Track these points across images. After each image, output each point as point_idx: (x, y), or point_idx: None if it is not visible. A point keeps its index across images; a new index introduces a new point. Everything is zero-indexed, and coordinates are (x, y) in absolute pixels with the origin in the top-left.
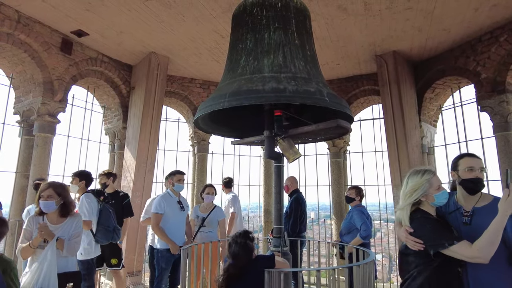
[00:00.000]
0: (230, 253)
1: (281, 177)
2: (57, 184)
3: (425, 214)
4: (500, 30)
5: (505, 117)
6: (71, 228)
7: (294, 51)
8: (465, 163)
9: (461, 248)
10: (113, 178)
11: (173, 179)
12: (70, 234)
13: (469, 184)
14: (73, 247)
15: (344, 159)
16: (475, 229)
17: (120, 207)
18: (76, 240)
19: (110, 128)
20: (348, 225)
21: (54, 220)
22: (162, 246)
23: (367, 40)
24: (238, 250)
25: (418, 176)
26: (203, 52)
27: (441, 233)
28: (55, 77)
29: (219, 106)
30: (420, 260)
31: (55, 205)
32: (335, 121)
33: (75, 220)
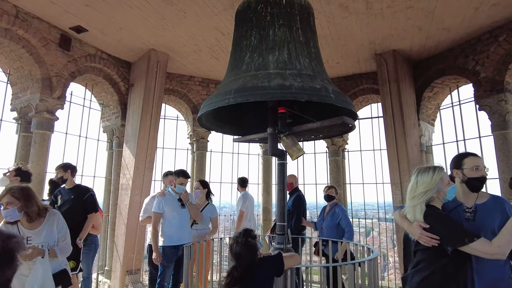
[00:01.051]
0: (232, 255)
1: (284, 174)
2: (14, 189)
3: (438, 209)
4: (499, 30)
5: (504, 116)
6: (53, 230)
7: (299, 48)
8: (471, 162)
9: (481, 246)
10: (72, 171)
11: (176, 180)
12: (56, 237)
13: (475, 182)
14: (66, 250)
15: (342, 158)
16: (478, 225)
17: (80, 203)
18: (65, 242)
19: (109, 126)
20: (331, 222)
21: (28, 225)
22: (165, 243)
23: (367, 39)
24: (240, 249)
25: (429, 174)
26: (203, 49)
27: (460, 230)
28: (53, 73)
29: (224, 103)
30: (430, 256)
31: (17, 212)
32: (340, 118)
33: (55, 220)
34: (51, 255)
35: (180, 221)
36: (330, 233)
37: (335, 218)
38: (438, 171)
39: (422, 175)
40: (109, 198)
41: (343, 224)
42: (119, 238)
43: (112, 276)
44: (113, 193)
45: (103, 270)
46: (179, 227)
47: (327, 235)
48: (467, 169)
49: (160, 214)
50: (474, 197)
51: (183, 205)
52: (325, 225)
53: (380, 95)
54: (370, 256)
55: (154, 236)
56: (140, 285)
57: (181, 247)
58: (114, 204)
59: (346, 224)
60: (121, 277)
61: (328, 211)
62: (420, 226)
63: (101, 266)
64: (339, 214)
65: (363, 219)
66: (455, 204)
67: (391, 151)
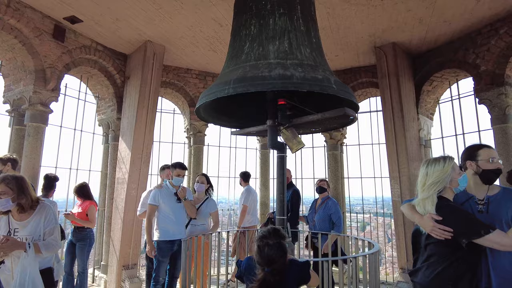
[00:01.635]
0: (264, 258)
1: (284, 167)
2: (8, 179)
3: (450, 201)
4: (500, 23)
5: (504, 109)
6: (40, 223)
7: (300, 37)
8: (487, 154)
9: (498, 237)
10: (12, 164)
11: (173, 172)
12: (41, 231)
13: (491, 175)
14: (53, 245)
15: (341, 152)
16: (492, 216)
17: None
18: (52, 238)
19: (104, 119)
20: (323, 215)
21: (18, 217)
22: (159, 238)
23: (367, 31)
24: (274, 253)
25: (440, 164)
26: (201, 41)
27: (475, 221)
28: (47, 65)
29: (224, 93)
30: (442, 249)
31: (10, 202)
32: (342, 110)
33: (44, 213)
34: (35, 250)
35: (176, 215)
36: (323, 226)
37: (327, 211)
38: (449, 160)
39: (432, 165)
40: (105, 192)
41: (334, 217)
42: (116, 232)
43: (109, 271)
44: (109, 187)
45: (99, 265)
46: (175, 222)
47: (320, 227)
48: (482, 161)
49: (156, 206)
50: (485, 189)
51: (179, 199)
52: (317, 218)
53: (380, 88)
54: (372, 250)
55: (148, 228)
56: (137, 280)
57: (177, 242)
58: (110, 199)
59: (337, 218)
60: (118, 272)
61: (320, 203)
62: (432, 219)
63: (97, 261)
64: (331, 207)
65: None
66: (466, 196)
67: (390, 145)
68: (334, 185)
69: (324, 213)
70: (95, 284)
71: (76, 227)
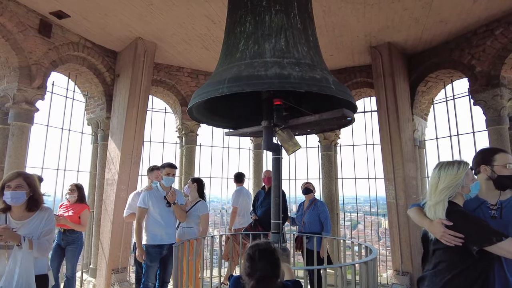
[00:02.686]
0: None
1: (280, 169)
2: (27, 174)
3: (460, 207)
4: (496, 23)
5: (499, 110)
6: (40, 223)
7: (297, 35)
8: (503, 159)
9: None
10: None
11: (162, 172)
12: (39, 231)
13: (506, 181)
14: (45, 247)
15: (334, 152)
16: (505, 221)
17: None
18: (47, 238)
19: (93, 118)
20: (313, 216)
21: (19, 215)
22: (148, 242)
23: (363, 30)
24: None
25: (454, 169)
26: (193, 38)
27: (487, 228)
28: (32, 61)
29: (218, 93)
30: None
31: (25, 197)
32: (340, 111)
33: (45, 214)
34: (29, 246)
35: (165, 219)
36: (313, 227)
37: (317, 211)
38: (464, 165)
39: (445, 169)
40: (94, 193)
41: (322, 218)
42: (105, 235)
43: (98, 275)
44: (98, 188)
45: (88, 268)
46: (164, 226)
47: (310, 228)
48: (498, 166)
49: (145, 209)
50: (498, 194)
51: (169, 203)
52: (307, 219)
53: (375, 88)
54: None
55: (138, 232)
56: (127, 284)
57: (166, 246)
58: (99, 200)
59: (325, 218)
60: (107, 275)
61: (308, 205)
62: (442, 224)
63: (86, 264)
64: (320, 207)
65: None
66: (478, 202)
67: (385, 146)
68: (328, 185)
69: (314, 214)
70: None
71: (66, 229)
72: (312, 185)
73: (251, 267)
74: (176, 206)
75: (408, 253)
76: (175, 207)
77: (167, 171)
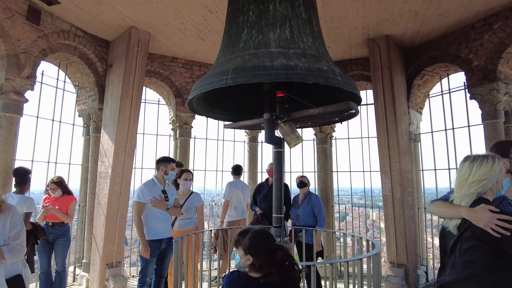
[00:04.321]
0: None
1: (282, 163)
2: None
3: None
4: (494, 18)
5: (495, 105)
6: (4, 227)
7: (302, 25)
8: None
9: None
10: None
11: (166, 167)
12: (5, 234)
13: None
14: (17, 251)
15: (330, 145)
16: None
17: None
18: (18, 242)
19: (85, 110)
20: (308, 209)
21: None
22: (148, 237)
23: (361, 22)
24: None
25: (489, 162)
26: (189, 28)
27: None
28: (20, 49)
29: (221, 84)
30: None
31: None
32: (347, 103)
33: (9, 215)
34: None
35: (162, 213)
36: (307, 220)
37: (311, 205)
38: (498, 160)
39: (478, 163)
40: (86, 187)
41: (316, 211)
42: (98, 229)
43: (91, 269)
44: (91, 182)
45: (81, 263)
46: (162, 220)
47: (304, 222)
48: None
49: (143, 204)
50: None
51: (167, 197)
52: (301, 212)
53: (372, 81)
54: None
55: (139, 227)
56: (122, 278)
57: (164, 240)
58: (92, 193)
59: (319, 212)
60: (101, 270)
61: (303, 199)
62: (487, 210)
63: (78, 258)
64: (314, 200)
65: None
66: (499, 198)
67: (381, 139)
68: (323, 178)
69: (309, 207)
70: (76, 283)
71: (54, 223)
72: (306, 179)
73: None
74: (171, 210)
75: (403, 246)
76: (170, 211)
77: (172, 166)
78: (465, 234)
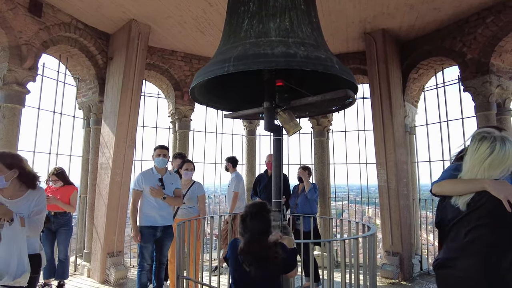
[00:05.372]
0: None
1: (281, 150)
2: (6, 155)
3: None
4: (487, 12)
5: (487, 97)
6: (31, 203)
7: (301, 16)
8: None
9: None
10: None
11: (154, 153)
12: (29, 210)
13: None
14: (36, 226)
15: (327, 138)
16: None
17: None
18: (38, 218)
19: (85, 102)
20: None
21: (9, 194)
22: (141, 223)
23: (358, 16)
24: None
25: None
26: (188, 21)
27: None
28: (22, 41)
29: (223, 71)
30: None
31: (4, 181)
32: (344, 91)
33: (37, 194)
34: (21, 223)
35: (159, 201)
36: (305, 209)
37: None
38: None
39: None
40: (86, 178)
41: (311, 195)
42: (99, 219)
43: (92, 259)
44: (91, 173)
45: (82, 253)
46: (158, 208)
47: (303, 210)
48: None
49: (139, 191)
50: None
51: (163, 185)
52: (300, 201)
53: (368, 75)
54: (369, 232)
55: (133, 214)
56: (123, 267)
57: (160, 228)
58: (92, 185)
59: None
60: (102, 259)
61: (303, 189)
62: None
63: (79, 249)
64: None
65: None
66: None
67: (377, 131)
68: (320, 170)
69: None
70: (78, 273)
71: (57, 212)
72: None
73: (243, 227)
74: (168, 198)
75: (398, 235)
76: (167, 200)
77: (158, 152)
78: (476, 212)
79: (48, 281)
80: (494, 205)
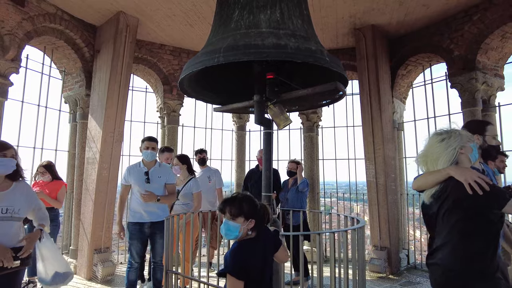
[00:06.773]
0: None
1: (271, 144)
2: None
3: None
4: (474, 9)
5: (473, 93)
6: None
7: (292, 8)
8: (493, 131)
9: None
10: None
11: (141, 146)
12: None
13: (492, 151)
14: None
15: (316, 134)
16: None
17: None
18: (43, 212)
19: (71, 96)
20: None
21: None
22: (128, 219)
23: (348, 12)
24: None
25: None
26: (178, 14)
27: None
28: (5, 31)
29: (213, 62)
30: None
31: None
32: (334, 84)
33: (25, 187)
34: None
35: None
36: (295, 203)
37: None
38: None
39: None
40: (73, 173)
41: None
42: (86, 215)
43: (79, 255)
44: (78, 168)
45: (68, 249)
46: (144, 205)
47: (293, 205)
48: (489, 137)
49: (127, 186)
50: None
51: (148, 180)
52: (290, 196)
53: (358, 70)
54: (358, 225)
55: (119, 208)
56: (110, 263)
57: (147, 225)
58: (79, 180)
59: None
60: (89, 256)
61: (292, 183)
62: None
63: (66, 245)
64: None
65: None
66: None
67: (366, 126)
68: (309, 166)
69: (297, 191)
70: None
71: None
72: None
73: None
74: (162, 199)
75: (386, 230)
76: (161, 201)
77: (146, 145)
78: (444, 204)
79: (32, 278)
80: (457, 192)
